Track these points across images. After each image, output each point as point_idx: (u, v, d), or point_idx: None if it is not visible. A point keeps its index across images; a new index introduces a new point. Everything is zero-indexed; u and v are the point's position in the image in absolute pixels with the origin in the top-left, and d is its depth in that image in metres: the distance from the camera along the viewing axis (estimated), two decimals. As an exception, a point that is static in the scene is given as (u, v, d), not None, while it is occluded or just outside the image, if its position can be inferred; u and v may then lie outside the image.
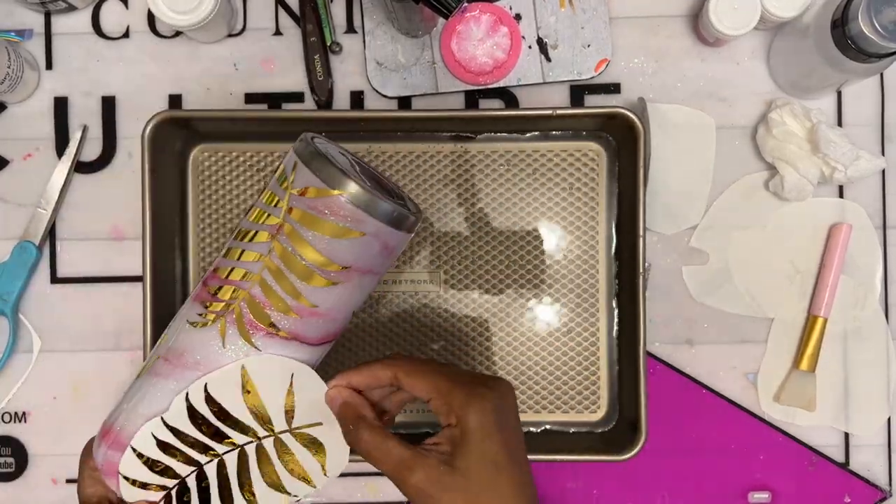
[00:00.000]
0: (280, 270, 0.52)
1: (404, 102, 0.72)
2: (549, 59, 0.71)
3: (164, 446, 0.53)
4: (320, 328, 0.54)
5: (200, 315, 0.53)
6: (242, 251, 0.53)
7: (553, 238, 0.70)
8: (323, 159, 0.52)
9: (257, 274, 0.52)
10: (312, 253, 0.52)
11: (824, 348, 0.70)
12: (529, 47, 0.71)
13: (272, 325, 0.52)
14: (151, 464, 0.53)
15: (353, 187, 0.51)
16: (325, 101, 0.72)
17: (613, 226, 0.70)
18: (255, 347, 0.52)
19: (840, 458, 0.71)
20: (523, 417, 0.70)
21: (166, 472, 0.53)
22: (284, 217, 0.52)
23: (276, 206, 0.53)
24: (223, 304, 0.53)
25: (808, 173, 0.68)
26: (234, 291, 0.53)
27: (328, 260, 0.52)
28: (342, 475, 0.71)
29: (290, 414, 0.54)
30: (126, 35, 0.73)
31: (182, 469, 0.53)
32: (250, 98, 0.72)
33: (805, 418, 0.71)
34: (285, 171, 0.53)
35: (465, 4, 0.70)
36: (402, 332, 0.70)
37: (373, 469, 0.52)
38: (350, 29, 0.72)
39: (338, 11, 0.72)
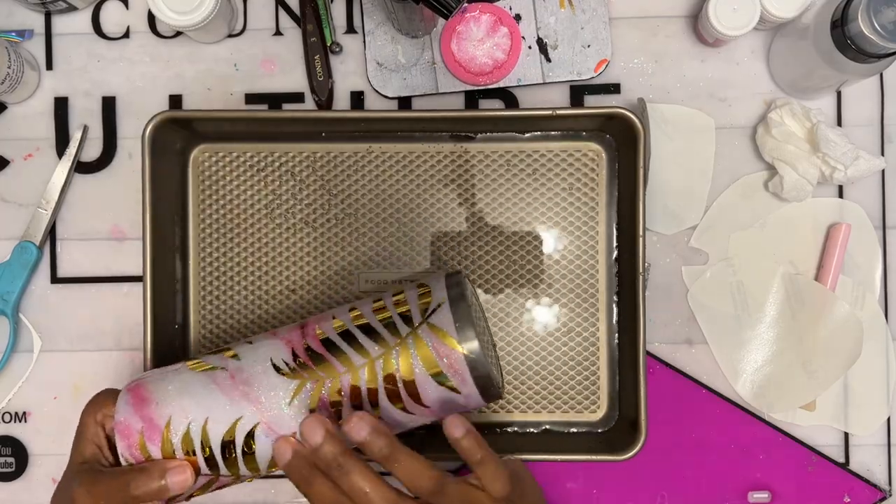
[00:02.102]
0: (375, 382, 0.54)
1: (404, 103, 0.72)
2: (548, 60, 0.71)
3: (193, 448, 0.55)
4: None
5: (286, 365, 0.55)
6: (356, 341, 0.56)
7: (553, 238, 0.70)
8: (466, 309, 0.55)
9: (355, 371, 0.55)
10: (411, 386, 0.54)
11: (825, 350, 0.70)
12: (529, 48, 0.71)
13: (338, 413, 0.54)
14: (171, 450, 0.55)
15: (474, 348, 0.54)
16: (326, 102, 0.72)
17: (613, 226, 0.70)
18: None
19: (840, 457, 0.71)
20: (523, 417, 0.70)
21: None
22: (406, 339, 0.55)
23: (405, 321, 0.55)
24: (314, 371, 0.55)
25: (808, 173, 0.68)
26: (328, 370, 0.55)
27: (418, 395, 0.55)
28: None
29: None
30: (126, 35, 0.73)
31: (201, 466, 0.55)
32: (251, 98, 0.72)
33: (805, 418, 0.71)
34: (430, 295, 0.56)
35: (465, 5, 0.70)
36: (402, 332, 0.70)
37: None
38: (350, 29, 0.72)
39: (338, 12, 0.73)
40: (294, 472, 0.52)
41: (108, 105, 0.73)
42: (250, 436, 0.54)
